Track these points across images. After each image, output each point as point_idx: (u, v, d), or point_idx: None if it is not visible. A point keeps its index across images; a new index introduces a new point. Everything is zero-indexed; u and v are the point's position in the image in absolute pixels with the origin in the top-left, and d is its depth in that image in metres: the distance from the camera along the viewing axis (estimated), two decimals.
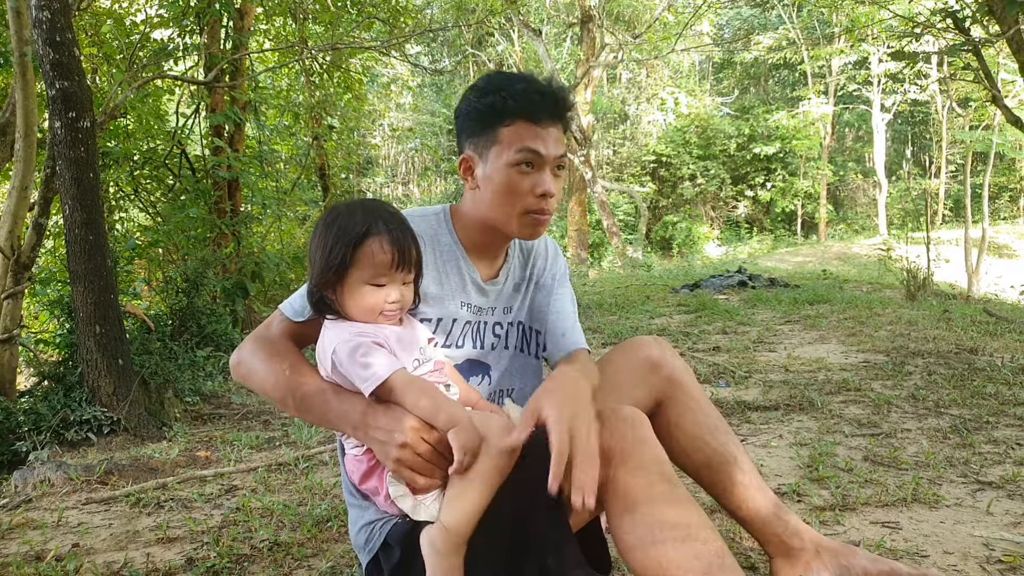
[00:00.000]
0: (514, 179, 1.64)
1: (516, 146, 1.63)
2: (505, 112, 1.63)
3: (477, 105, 1.67)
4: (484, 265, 1.80)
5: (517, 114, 1.63)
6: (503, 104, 1.64)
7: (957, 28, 8.48)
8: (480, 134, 1.67)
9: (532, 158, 1.63)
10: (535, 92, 1.65)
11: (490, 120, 1.65)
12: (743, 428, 3.37)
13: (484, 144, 1.66)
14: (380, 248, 1.47)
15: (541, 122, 1.64)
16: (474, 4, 15.82)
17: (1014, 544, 2.05)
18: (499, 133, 1.64)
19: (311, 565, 2.13)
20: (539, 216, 1.68)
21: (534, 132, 1.63)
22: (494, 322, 1.82)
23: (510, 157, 1.63)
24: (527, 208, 1.66)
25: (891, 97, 26.38)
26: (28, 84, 4.60)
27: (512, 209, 1.66)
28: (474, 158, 1.69)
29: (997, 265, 17.58)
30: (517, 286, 1.86)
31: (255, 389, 1.64)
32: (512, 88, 1.65)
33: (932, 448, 2.90)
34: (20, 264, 4.66)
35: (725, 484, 1.78)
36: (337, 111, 11.29)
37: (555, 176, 1.68)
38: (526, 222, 1.68)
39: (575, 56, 21.18)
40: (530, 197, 1.65)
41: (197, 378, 5.09)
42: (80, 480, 3.04)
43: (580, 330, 1.83)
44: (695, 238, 25.36)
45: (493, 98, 1.65)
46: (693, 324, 6.52)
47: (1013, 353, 4.60)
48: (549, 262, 1.91)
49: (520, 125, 1.63)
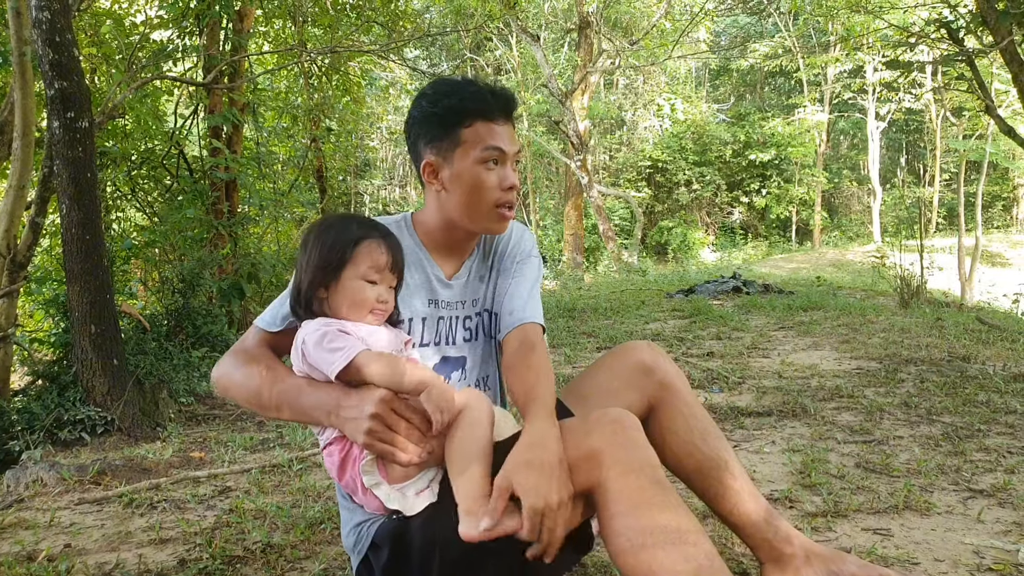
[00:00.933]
0: (482, 176, 1.71)
1: (480, 145, 1.70)
2: (463, 114, 1.70)
3: (434, 111, 1.73)
4: (448, 263, 1.85)
5: (475, 114, 1.70)
6: (461, 106, 1.70)
7: (951, 38, 8.52)
8: (441, 138, 1.72)
9: (496, 155, 1.71)
10: (488, 93, 1.72)
11: (450, 123, 1.71)
12: (736, 434, 3.38)
13: (446, 147, 1.72)
14: (378, 248, 1.57)
15: (496, 120, 1.72)
16: (473, 9, 15.84)
17: (1004, 552, 2.06)
18: (460, 134, 1.70)
19: (304, 567, 2.13)
20: (506, 210, 1.76)
21: (492, 130, 1.71)
22: (464, 316, 1.85)
23: (476, 155, 1.70)
24: (496, 202, 1.73)
25: (886, 105, 26.48)
26: (27, 84, 4.60)
27: (483, 205, 1.73)
28: (438, 162, 1.74)
29: (990, 273, 17.67)
30: (482, 277, 1.88)
31: (236, 397, 1.67)
32: (466, 91, 1.72)
33: (924, 455, 2.91)
34: (16, 263, 4.66)
35: (717, 489, 1.79)
36: (335, 114, 11.30)
37: (514, 170, 1.76)
38: (495, 216, 1.75)
39: (573, 61, 21.21)
40: (498, 191, 1.72)
41: (192, 379, 5.08)
42: (73, 480, 3.04)
43: (534, 305, 1.81)
44: (690, 243, 25.40)
45: (449, 101, 1.71)
46: (687, 329, 6.54)
47: (1005, 361, 4.63)
48: (512, 245, 1.92)
49: (479, 125, 1.70)
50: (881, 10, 12.86)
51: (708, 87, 32.21)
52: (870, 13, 13.48)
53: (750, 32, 28.16)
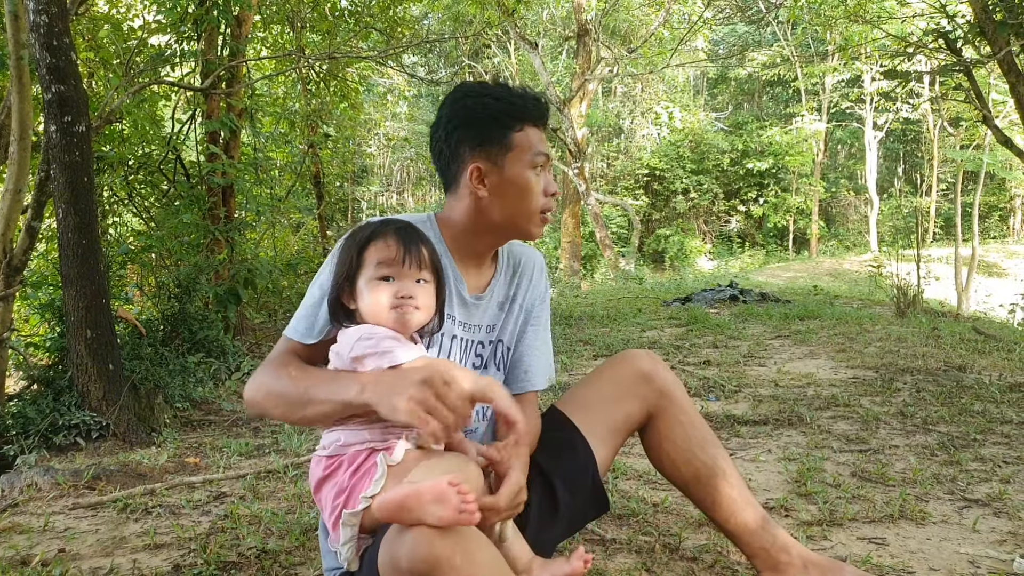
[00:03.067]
0: (533, 181, 1.70)
1: (531, 150, 1.69)
2: (516, 118, 1.69)
3: (483, 114, 1.68)
4: (472, 275, 1.79)
5: (526, 119, 1.69)
6: (512, 110, 1.68)
7: (949, 49, 8.56)
8: (492, 142, 1.68)
9: (544, 161, 1.71)
10: (532, 99, 1.72)
11: (503, 126, 1.68)
12: (732, 442, 3.38)
13: (498, 151, 1.68)
14: (384, 244, 1.50)
15: (540, 126, 1.72)
16: (471, 16, 15.87)
17: (999, 562, 2.06)
18: (512, 139, 1.68)
19: (298, 573, 2.12)
20: (548, 214, 1.76)
21: (539, 135, 1.72)
22: (478, 341, 1.79)
23: (528, 160, 1.69)
24: (542, 207, 1.73)
25: (883, 115, 26.58)
26: (24, 87, 4.59)
27: (532, 210, 1.72)
28: (487, 166, 1.68)
29: (986, 283, 17.69)
30: (501, 304, 1.83)
31: (266, 408, 1.57)
32: (513, 96, 1.70)
33: (920, 465, 2.91)
34: (12, 267, 4.64)
35: (714, 497, 1.80)
36: (333, 120, 11.30)
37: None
38: (537, 221, 1.75)
39: (571, 69, 21.25)
40: (543, 197, 1.73)
41: (187, 384, 5.07)
42: (68, 485, 3.03)
43: (547, 362, 1.85)
44: (687, 252, 25.43)
45: (500, 105, 1.68)
46: (684, 337, 6.54)
47: (1001, 371, 4.63)
48: (534, 282, 1.89)
49: (529, 130, 1.70)
50: (879, 20, 12.92)
51: (706, 95, 32.28)
52: (868, 23, 13.53)
53: (748, 41, 28.24)
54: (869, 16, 13.14)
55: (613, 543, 2.26)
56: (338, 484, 1.43)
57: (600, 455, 1.79)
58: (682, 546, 2.21)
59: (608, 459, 1.84)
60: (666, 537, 2.28)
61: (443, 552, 1.20)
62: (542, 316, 1.89)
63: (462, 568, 1.20)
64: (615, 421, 1.81)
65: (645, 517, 2.44)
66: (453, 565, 1.20)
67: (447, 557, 1.20)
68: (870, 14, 13.10)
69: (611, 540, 2.27)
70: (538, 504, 1.68)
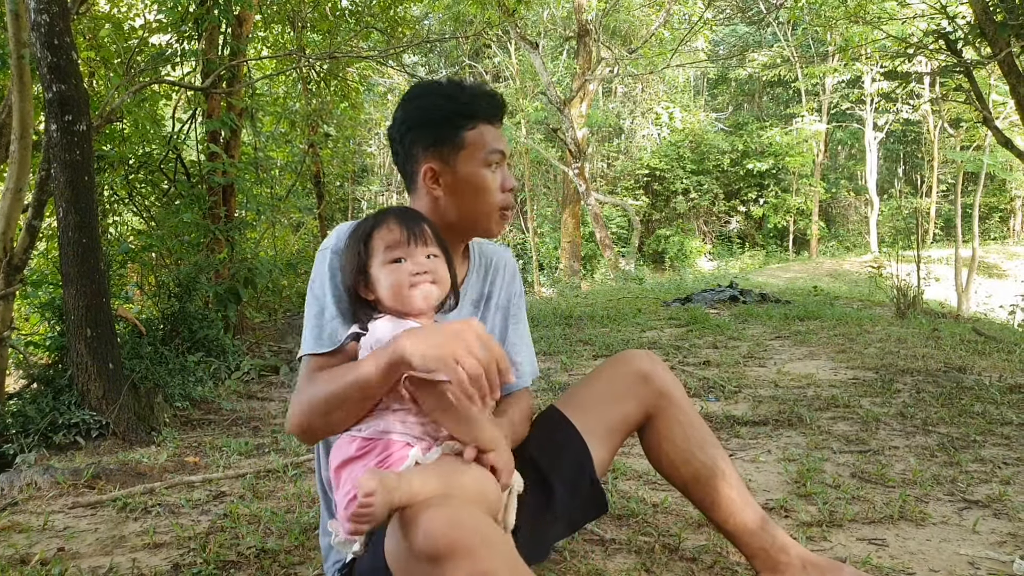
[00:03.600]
0: (488, 179, 1.70)
1: (484, 148, 1.68)
2: (466, 116, 1.68)
3: (433, 115, 1.70)
4: None
5: (477, 117, 1.69)
6: (462, 109, 1.68)
7: (949, 49, 8.56)
8: (443, 142, 1.69)
9: (498, 158, 1.70)
10: (485, 96, 1.71)
11: (453, 126, 1.69)
12: (732, 442, 3.38)
13: (449, 150, 1.69)
14: (388, 229, 1.53)
15: (494, 123, 1.71)
16: (472, 16, 15.88)
17: (999, 563, 2.06)
18: (464, 138, 1.68)
19: (298, 573, 2.12)
20: (508, 211, 1.75)
21: (494, 133, 1.71)
22: None
23: (482, 158, 1.68)
24: (500, 204, 1.72)
25: (884, 116, 26.57)
26: (25, 86, 4.59)
27: (489, 207, 1.72)
28: (440, 166, 1.70)
29: (987, 284, 17.69)
30: (475, 302, 1.84)
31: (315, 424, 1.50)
32: (463, 94, 1.70)
33: (919, 466, 2.91)
34: (12, 266, 4.64)
35: (713, 498, 1.80)
36: (333, 119, 11.30)
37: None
38: (496, 218, 1.74)
39: (571, 69, 21.25)
40: (500, 194, 1.72)
41: (187, 383, 5.06)
42: (67, 484, 3.03)
43: (531, 357, 1.86)
44: (687, 252, 25.42)
45: (450, 105, 1.69)
46: (684, 338, 6.54)
47: (1001, 372, 4.63)
48: (507, 280, 1.89)
49: (482, 127, 1.69)
50: (880, 21, 12.92)
51: (706, 96, 32.28)
52: (869, 24, 13.53)
53: (749, 42, 28.24)
54: (869, 17, 13.13)
55: (612, 543, 2.26)
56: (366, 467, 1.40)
57: (599, 455, 1.79)
58: (681, 546, 2.22)
59: (607, 459, 1.84)
60: (665, 537, 2.28)
61: (460, 535, 1.21)
62: (520, 314, 1.90)
63: (479, 551, 1.21)
64: (614, 421, 1.81)
65: (644, 517, 2.44)
66: (470, 548, 1.20)
67: (465, 540, 1.20)
68: (870, 15, 13.09)
69: (610, 540, 2.27)
70: (535, 503, 1.68)
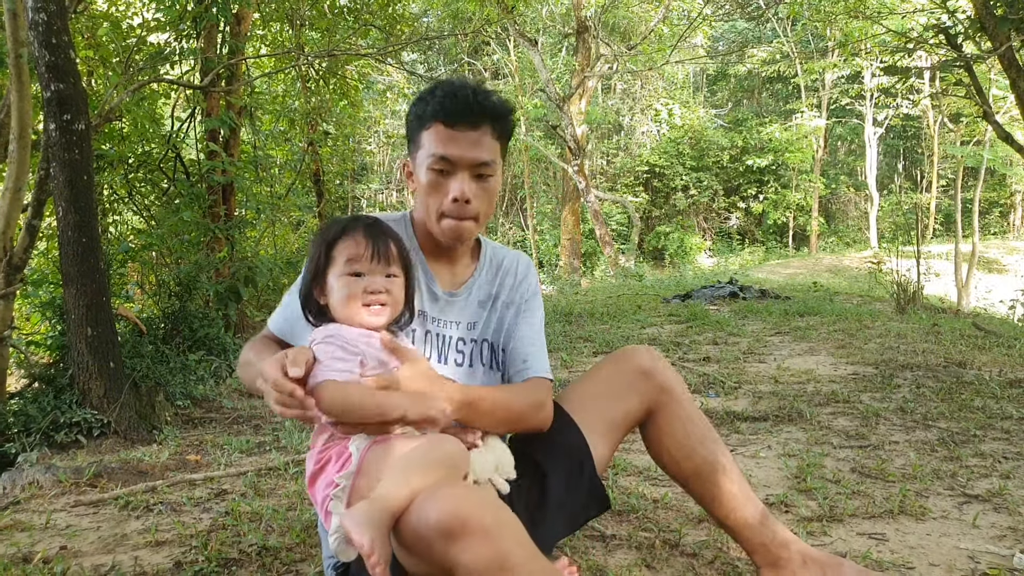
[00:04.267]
0: (432, 181, 1.67)
1: (430, 150, 1.66)
2: (424, 117, 1.68)
3: (411, 111, 1.72)
4: (445, 272, 1.80)
5: (433, 117, 1.66)
6: (423, 109, 1.68)
7: (949, 44, 8.55)
8: (411, 140, 1.72)
9: (443, 165, 1.65)
10: (449, 96, 1.66)
11: (416, 126, 1.70)
12: (732, 438, 3.38)
13: (413, 149, 1.71)
14: (353, 241, 1.52)
15: (455, 125, 1.65)
16: (470, 13, 15.86)
17: (999, 557, 2.07)
18: (421, 137, 1.68)
19: (299, 570, 2.13)
20: (456, 221, 1.68)
21: (447, 135, 1.65)
22: (457, 337, 1.78)
23: (426, 161, 1.67)
24: (442, 211, 1.68)
25: (883, 111, 26.53)
26: (23, 86, 4.59)
27: (432, 211, 1.69)
28: (410, 162, 1.74)
29: (986, 279, 17.67)
30: (483, 302, 1.82)
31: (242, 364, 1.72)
32: (436, 93, 1.69)
33: (919, 461, 2.92)
34: (12, 265, 4.65)
35: (714, 493, 1.80)
36: (332, 117, 11.30)
37: (476, 179, 1.68)
38: (445, 225, 1.69)
39: (570, 66, 21.23)
40: (445, 200, 1.67)
41: (188, 382, 5.07)
42: (69, 482, 3.03)
43: (544, 356, 1.81)
44: (687, 248, 25.40)
45: (419, 104, 1.70)
46: (684, 334, 6.54)
47: (1001, 367, 4.64)
48: (519, 280, 1.88)
49: (437, 128, 1.66)
50: (879, 16, 12.91)
51: (706, 92, 32.23)
52: (868, 19, 13.54)
53: (748, 37, 28.19)
54: (869, 12, 13.14)
55: (613, 539, 2.26)
56: (328, 477, 1.46)
57: (599, 451, 1.79)
58: (682, 542, 2.22)
59: (608, 455, 1.84)
60: (666, 533, 2.29)
61: (473, 511, 1.22)
62: (532, 308, 1.87)
63: (491, 528, 1.21)
64: (615, 417, 1.81)
65: (645, 513, 2.45)
66: (483, 524, 1.21)
67: (477, 516, 1.21)
68: (870, 10, 13.10)
69: (611, 536, 2.28)
70: (534, 500, 1.69)
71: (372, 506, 1.29)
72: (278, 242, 10.46)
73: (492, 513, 1.24)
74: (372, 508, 1.28)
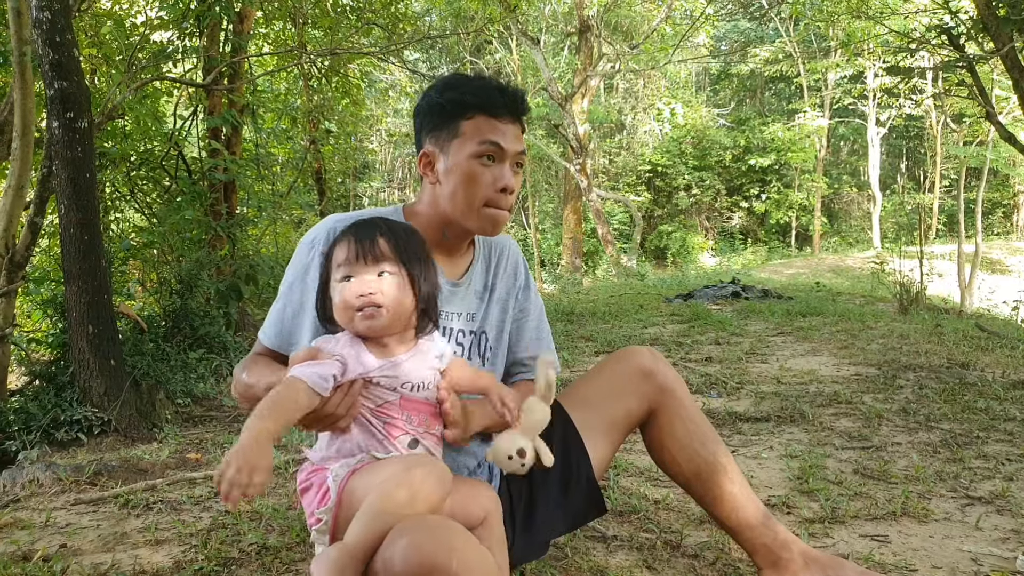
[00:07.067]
0: (476, 171, 1.64)
1: (478, 138, 1.64)
2: (466, 106, 1.65)
3: (439, 100, 1.68)
4: (445, 262, 1.76)
5: (478, 108, 1.65)
6: (464, 99, 1.66)
7: (952, 45, 8.54)
8: (441, 128, 1.68)
9: (493, 151, 1.64)
10: (494, 88, 1.68)
11: (452, 114, 1.66)
12: (734, 439, 3.37)
13: (445, 138, 1.67)
14: (340, 245, 1.47)
15: (500, 117, 1.66)
16: (473, 12, 15.85)
17: (1002, 559, 2.06)
18: (460, 126, 1.65)
19: (299, 569, 2.12)
20: (498, 211, 1.67)
21: (494, 126, 1.65)
22: (458, 329, 1.77)
23: (472, 149, 1.64)
24: (487, 200, 1.66)
25: (886, 111, 26.50)
26: (27, 84, 4.59)
27: (473, 201, 1.66)
28: (435, 152, 1.69)
29: (990, 280, 17.66)
30: (479, 292, 1.82)
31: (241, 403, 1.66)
32: (472, 84, 1.68)
33: (922, 462, 2.91)
34: (14, 263, 4.65)
35: (715, 493, 1.80)
36: (335, 116, 11.29)
37: (515, 172, 1.69)
38: (486, 215, 1.67)
39: (572, 65, 21.21)
40: (491, 190, 1.65)
41: (189, 380, 5.07)
42: (69, 480, 3.03)
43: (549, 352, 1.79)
44: (689, 248, 25.40)
45: (454, 93, 1.67)
46: (686, 334, 6.53)
47: (1004, 368, 4.62)
48: (509, 271, 1.87)
49: (480, 119, 1.65)
50: (882, 16, 12.89)
51: (708, 92, 32.23)
52: (871, 19, 13.50)
53: (751, 37, 28.18)
54: (872, 12, 13.11)
55: (614, 540, 2.25)
56: (310, 505, 1.44)
57: (600, 451, 1.79)
58: (683, 543, 2.21)
59: (608, 455, 1.84)
60: (667, 534, 2.28)
61: (440, 557, 1.18)
62: (535, 305, 1.90)
63: (459, 573, 1.18)
64: (615, 417, 1.81)
65: (646, 514, 2.44)
66: (449, 570, 1.18)
67: (444, 562, 1.18)
68: (872, 10, 13.07)
69: (612, 537, 2.27)
70: (529, 500, 1.69)
71: (339, 552, 1.26)
72: (279, 240, 10.45)
73: (459, 557, 1.20)
74: (339, 555, 1.26)
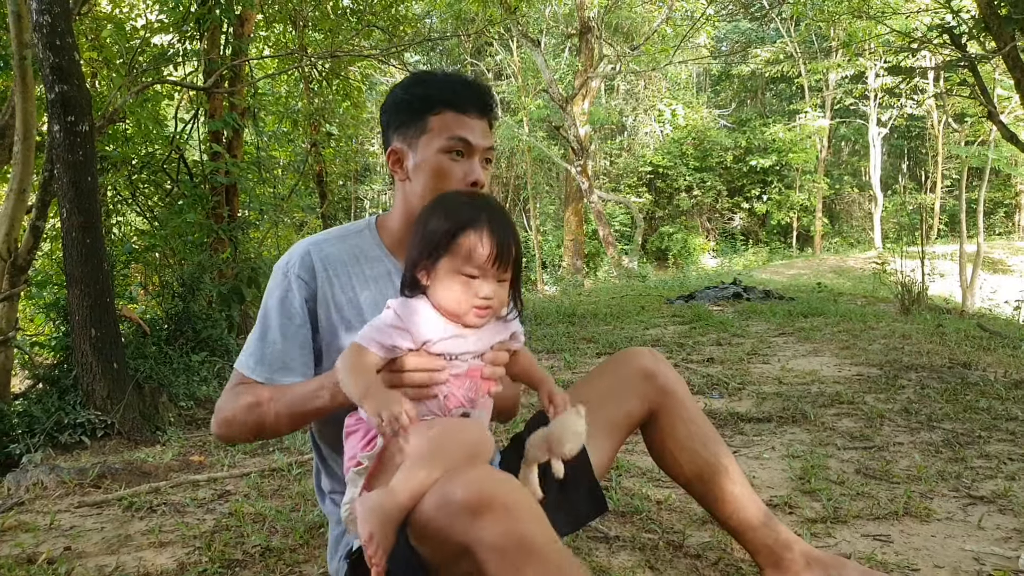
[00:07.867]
0: (445, 165, 1.63)
1: (446, 134, 1.63)
2: (433, 102, 1.65)
3: (405, 97, 1.68)
4: None
5: (445, 103, 1.65)
6: (430, 94, 1.66)
7: (954, 44, 8.54)
8: (409, 125, 1.67)
9: (461, 146, 1.64)
10: (460, 84, 1.68)
11: (418, 110, 1.66)
12: (736, 439, 3.37)
13: (413, 135, 1.66)
14: (479, 241, 1.43)
15: (468, 113, 1.65)
16: (473, 14, 15.87)
17: (1005, 559, 2.06)
18: (428, 122, 1.65)
19: (303, 571, 2.13)
20: None
21: (462, 121, 1.64)
22: None
23: (440, 144, 1.63)
24: None
25: (887, 111, 26.50)
26: (28, 87, 4.60)
27: None
28: (403, 149, 1.68)
29: (991, 280, 17.62)
30: None
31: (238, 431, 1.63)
32: (438, 80, 1.68)
33: (924, 462, 2.91)
34: (17, 267, 4.66)
35: (716, 494, 1.80)
36: (335, 118, 11.30)
37: (484, 168, 1.68)
38: None
39: (573, 67, 21.24)
40: (460, 184, 1.64)
41: (192, 382, 5.08)
42: (73, 483, 3.04)
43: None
44: (690, 249, 25.39)
45: (420, 89, 1.67)
46: (687, 335, 6.53)
47: (1006, 368, 4.62)
48: None
49: (448, 114, 1.64)
50: (883, 16, 12.89)
51: (709, 92, 32.20)
52: (872, 19, 13.50)
53: (751, 37, 28.18)
54: (873, 12, 13.11)
55: (616, 540, 2.26)
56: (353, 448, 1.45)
57: (601, 453, 1.79)
58: (686, 543, 2.21)
59: (609, 456, 1.84)
60: (669, 534, 2.28)
61: (498, 490, 1.24)
62: None
63: (515, 508, 1.23)
64: (617, 418, 1.81)
65: (648, 514, 2.44)
66: (507, 503, 1.22)
67: (502, 495, 1.23)
68: (874, 10, 13.07)
69: (615, 537, 2.27)
70: None
71: (385, 498, 1.29)
72: (281, 243, 10.45)
73: (516, 494, 1.26)
74: (385, 500, 1.29)
